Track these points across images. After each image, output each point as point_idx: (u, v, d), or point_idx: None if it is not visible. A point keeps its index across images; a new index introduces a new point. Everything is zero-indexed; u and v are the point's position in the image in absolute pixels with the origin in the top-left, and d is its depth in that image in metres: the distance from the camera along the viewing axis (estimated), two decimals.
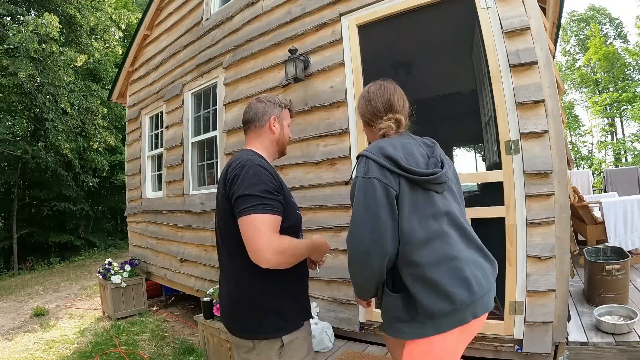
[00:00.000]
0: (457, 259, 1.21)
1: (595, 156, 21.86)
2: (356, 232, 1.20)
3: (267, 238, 1.19)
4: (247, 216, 1.21)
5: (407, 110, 1.49)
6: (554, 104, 2.16)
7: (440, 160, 1.34)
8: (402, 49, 4.09)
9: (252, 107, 1.52)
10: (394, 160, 1.23)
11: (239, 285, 1.34)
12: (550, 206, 2.14)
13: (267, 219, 1.22)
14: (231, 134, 3.71)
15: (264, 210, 1.22)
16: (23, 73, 8.18)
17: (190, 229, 4.25)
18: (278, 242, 1.22)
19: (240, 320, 1.35)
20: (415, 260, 1.18)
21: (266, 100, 1.53)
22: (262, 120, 1.49)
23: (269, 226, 1.21)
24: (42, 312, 4.99)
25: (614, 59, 19.26)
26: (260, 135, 1.49)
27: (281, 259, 1.23)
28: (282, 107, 1.54)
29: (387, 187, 1.21)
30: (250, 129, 1.51)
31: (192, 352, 3.38)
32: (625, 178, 6.59)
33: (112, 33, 11.07)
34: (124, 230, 12.87)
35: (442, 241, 1.22)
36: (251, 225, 1.20)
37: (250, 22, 3.64)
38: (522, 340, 2.20)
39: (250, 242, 1.21)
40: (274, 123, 1.49)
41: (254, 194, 1.23)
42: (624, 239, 3.73)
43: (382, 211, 1.19)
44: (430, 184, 1.26)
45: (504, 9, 2.28)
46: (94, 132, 10.72)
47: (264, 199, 1.23)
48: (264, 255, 1.19)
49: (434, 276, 1.17)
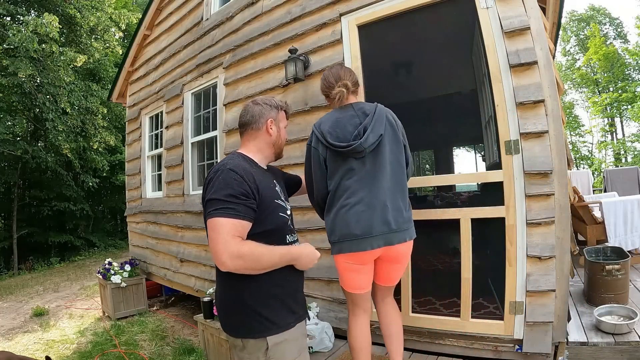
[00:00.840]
0: (358, 205, 1.76)
1: (595, 156, 21.86)
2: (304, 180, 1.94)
3: (223, 242, 1.21)
4: (210, 219, 1.25)
5: (354, 79, 1.97)
6: (554, 104, 2.16)
7: (364, 130, 1.79)
8: (402, 49, 4.08)
9: (248, 109, 1.52)
10: (323, 135, 1.82)
11: (222, 285, 1.39)
12: (550, 206, 2.14)
13: (226, 222, 1.23)
14: (231, 134, 3.71)
15: (224, 214, 1.23)
16: (23, 73, 8.18)
17: (190, 229, 4.25)
18: (236, 247, 1.22)
19: (229, 319, 1.38)
20: (333, 204, 1.82)
21: (262, 102, 1.53)
22: (258, 123, 1.50)
23: (228, 230, 1.22)
24: (42, 312, 4.99)
25: (614, 59, 19.26)
26: (257, 138, 1.50)
27: (239, 264, 1.23)
28: (279, 110, 1.55)
29: (319, 153, 1.84)
30: (247, 131, 1.51)
31: (192, 352, 3.38)
32: (625, 178, 6.59)
33: (112, 33, 11.06)
34: (124, 230, 12.87)
35: (350, 192, 1.78)
36: (211, 228, 1.24)
37: (250, 22, 3.64)
38: (522, 340, 2.20)
39: (210, 245, 1.24)
40: (271, 125, 1.50)
41: (218, 198, 1.25)
42: (624, 239, 3.73)
43: (315, 168, 1.86)
44: (348, 153, 1.78)
45: (504, 9, 2.28)
46: (94, 132, 10.71)
47: (227, 202, 1.24)
48: (219, 259, 1.21)
49: (344, 216, 1.77)
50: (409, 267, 2.59)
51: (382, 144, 1.79)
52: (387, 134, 1.82)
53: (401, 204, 1.83)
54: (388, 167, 1.80)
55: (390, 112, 1.93)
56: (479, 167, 8.62)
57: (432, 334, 2.49)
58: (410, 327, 2.57)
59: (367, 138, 1.74)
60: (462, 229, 2.39)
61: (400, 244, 1.79)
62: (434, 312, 2.70)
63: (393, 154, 1.83)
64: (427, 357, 2.44)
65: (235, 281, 1.31)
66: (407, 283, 2.60)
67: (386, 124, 1.82)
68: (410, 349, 2.54)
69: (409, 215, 1.87)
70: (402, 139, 1.90)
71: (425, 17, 2.78)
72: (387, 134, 1.82)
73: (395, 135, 1.85)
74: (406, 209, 1.86)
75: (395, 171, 1.83)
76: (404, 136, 1.93)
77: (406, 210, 1.85)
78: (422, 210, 2.67)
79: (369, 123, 1.79)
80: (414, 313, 2.61)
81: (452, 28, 3.30)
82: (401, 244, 1.79)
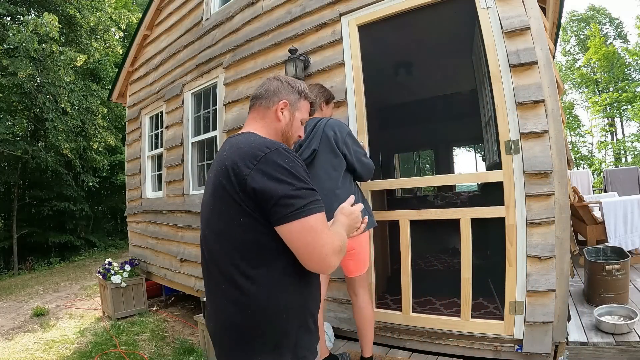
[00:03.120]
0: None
1: (595, 156, 21.87)
2: None
3: (328, 242, 0.98)
4: (299, 220, 0.96)
5: (320, 95, 2.32)
6: (554, 104, 2.16)
7: (300, 146, 2.15)
8: (402, 49, 4.09)
9: (265, 83, 1.26)
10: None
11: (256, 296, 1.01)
12: (550, 206, 2.14)
13: (321, 218, 1.00)
14: (231, 134, 3.71)
15: (313, 210, 0.99)
16: (23, 73, 8.18)
17: (190, 229, 4.25)
18: (336, 241, 1.01)
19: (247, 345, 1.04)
20: None
21: (284, 80, 1.25)
22: (270, 101, 1.21)
23: (323, 227, 1.00)
24: (42, 312, 4.99)
25: (614, 59, 19.28)
26: (265, 118, 1.21)
27: (340, 257, 1.03)
28: (301, 97, 1.25)
29: None
30: (255, 106, 1.23)
31: (192, 352, 3.38)
32: (625, 178, 6.59)
33: (112, 33, 11.06)
34: (124, 230, 12.88)
35: None
36: (307, 229, 0.97)
37: (250, 22, 3.64)
38: (522, 340, 2.20)
39: (308, 250, 0.98)
40: (283, 108, 1.21)
41: (295, 195, 0.98)
42: (624, 239, 3.73)
43: None
44: None
45: (504, 9, 2.28)
46: (94, 132, 10.72)
47: (307, 195, 1.00)
48: (329, 262, 0.99)
49: None
50: (408, 267, 2.59)
51: (317, 156, 2.16)
52: (321, 148, 2.15)
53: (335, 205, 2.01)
54: (323, 175, 2.14)
55: (332, 127, 2.18)
56: (479, 167, 8.63)
57: (432, 334, 2.49)
58: (410, 327, 2.57)
59: (301, 153, 2.16)
60: (462, 229, 2.39)
61: None
62: (434, 312, 2.71)
63: (328, 163, 2.15)
64: (427, 357, 2.44)
65: (280, 291, 1.01)
66: (407, 283, 2.60)
67: (322, 138, 2.15)
68: (410, 349, 2.54)
69: None
70: (342, 147, 2.15)
71: (426, 17, 2.78)
72: (322, 147, 2.15)
73: (330, 147, 2.15)
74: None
75: (331, 176, 2.14)
76: (345, 145, 2.16)
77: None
78: (422, 210, 2.67)
79: (305, 140, 2.16)
80: (414, 313, 2.61)
81: (452, 28, 3.31)
82: None
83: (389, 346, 2.62)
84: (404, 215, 2.64)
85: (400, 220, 2.62)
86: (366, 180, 2.36)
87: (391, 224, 3.11)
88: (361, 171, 2.22)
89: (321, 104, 2.35)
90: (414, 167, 9.69)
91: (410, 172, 9.34)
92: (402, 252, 2.61)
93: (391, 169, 6.77)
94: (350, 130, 2.25)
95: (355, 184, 2.27)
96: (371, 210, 2.38)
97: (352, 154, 2.17)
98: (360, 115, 2.80)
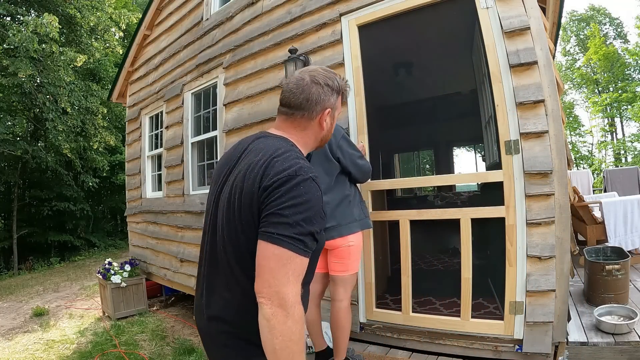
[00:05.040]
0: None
1: (595, 156, 21.86)
2: None
3: (287, 278, 0.93)
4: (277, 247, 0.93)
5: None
6: (554, 104, 2.16)
7: None
8: (402, 49, 4.09)
9: (304, 88, 1.11)
10: None
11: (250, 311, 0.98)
12: (550, 206, 2.14)
13: (299, 261, 0.95)
14: (231, 134, 3.71)
15: (298, 250, 0.95)
16: (23, 73, 8.18)
17: (190, 229, 4.25)
18: (297, 295, 0.94)
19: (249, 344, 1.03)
20: None
21: (323, 82, 1.12)
22: (313, 111, 1.11)
23: (298, 272, 0.96)
24: (42, 312, 4.99)
25: (614, 59, 19.27)
26: (306, 128, 1.13)
27: (282, 316, 0.92)
28: (339, 94, 1.17)
29: None
30: (295, 117, 1.12)
31: (192, 352, 3.38)
32: (625, 178, 6.59)
33: (112, 33, 11.06)
34: (124, 230, 12.88)
35: None
36: (278, 257, 0.94)
37: (250, 22, 3.64)
38: (522, 340, 2.20)
39: (265, 272, 0.95)
40: (327, 117, 1.14)
41: (296, 224, 0.95)
42: (624, 239, 3.73)
43: None
44: None
45: (504, 9, 2.28)
46: (94, 132, 10.72)
47: (305, 234, 0.96)
48: (282, 290, 0.92)
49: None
50: (408, 267, 2.59)
51: (311, 160, 2.10)
52: (314, 153, 2.11)
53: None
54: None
55: None
56: (479, 167, 8.62)
57: (432, 334, 2.49)
58: (410, 327, 2.57)
59: None
60: (462, 228, 2.39)
61: (327, 240, 2.11)
62: (434, 312, 2.71)
63: (320, 167, 2.14)
64: (427, 357, 2.44)
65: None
66: (407, 283, 2.60)
67: None
68: (410, 349, 2.54)
69: (334, 216, 2.13)
70: (336, 151, 2.14)
71: (426, 17, 2.78)
72: (315, 153, 2.09)
73: (323, 153, 2.15)
74: (327, 214, 2.08)
75: (323, 181, 2.08)
76: (340, 148, 2.15)
77: (331, 213, 2.11)
78: (422, 210, 2.67)
79: None
80: (414, 313, 2.61)
81: (452, 28, 3.31)
82: (328, 241, 2.11)
83: (389, 346, 2.62)
84: (404, 215, 2.64)
85: (400, 220, 2.63)
86: (363, 182, 2.35)
87: (391, 224, 3.11)
88: (356, 174, 2.21)
89: None
90: (414, 167, 9.69)
91: (410, 172, 9.34)
92: (402, 252, 2.61)
93: (391, 169, 6.77)
94: (345, 133, 2.24)
95: (354, 186, 2.27)
96: (368, 212, 2.37)
97: (346, 157, 2.16)
98: (360, 115, 2.80)
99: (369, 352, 2.57)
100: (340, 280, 2.20)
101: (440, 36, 3.65)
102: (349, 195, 2.20)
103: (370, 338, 2.72)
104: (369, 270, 2.75)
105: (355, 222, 2.17)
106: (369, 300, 2.75)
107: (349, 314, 2.22)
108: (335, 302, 2.21)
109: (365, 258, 2.76)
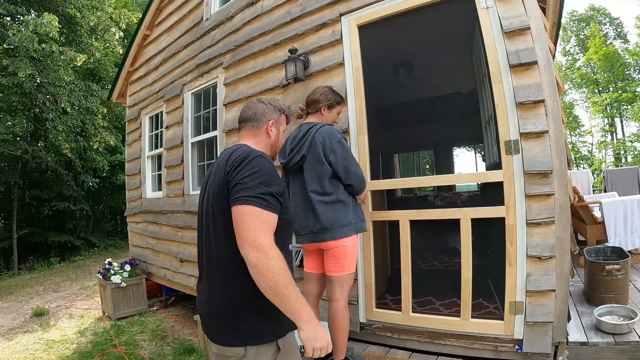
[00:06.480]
0: (294, 209, 2.11)
1: (595, 156, 21.86)
2: None
3: (258, 227, 1.17)
4: (242, 206, 1.20)
5: (312, 99, 2.37)
6: (554, 104, 2.16)
7: (291, 150, 2.26)
8: (402, 49, 4.09)
9: (252, 106, 1.51)
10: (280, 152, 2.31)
11: (239, 281, 1.22)
12: (550, 206, 2.14)
13: (264, 212, 1.21)
14: (231, 134, 3.71)
15: (261, 205, 1.21)
16: (23, 73, 8.18)
17: (190, 229, 4.25)
18: (269, 240, 1.17)
19: (236, 325, 1.24)
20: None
21: (267, 102, 1.52)
22: (260, 122, 1.47)
23: (264, 219, 1.20)
24: (42, 312, 4.99)
25: (614, 59, 19.27)
26: (257, 136, 1.48)
27: (263, 260, 1.13)
28: (281, 112, 1.54)
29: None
30: (247, 127, 1.49)
31: (192, 352, 3.38)
32: (625, 178, 6.59)
33: (112, 33, 11.05)
34: (124, 230, 12.87)
35: (291, 197, 2.22)
36: (244, 213, 1.20)
37: (250, 22, 3.64)
38: (522, 340, 2.20)
39: (240, 229, 1.18)
40: (272, 127, 1.48)
41: (254, 185, 1.22)
42: (624, 239, 3.73)
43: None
44: (285, 168, 2.33)
45: (504, 9, 2.28)
46: (94, 132, 10.71)
47: (265, 193, 1.22)
48: (256, 240, 1.14)
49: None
50: (408, 267, 2.59)
51: (306, 163, 2.21)
52: (309, 155, 2.20)
53: (317, 208, 2.20)
54: (309, 180, 2.20)
55: (322, 133, 2.20)
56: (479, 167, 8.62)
57: (432, 334, 2.49)
58: (410, 327, 2.57)
59: (291, 158, 2.25)
60: (462, 229, 2.39)
61: (321, 242, 2.19)
62: (434, 312, 2.71)
63: (313, 169, 2.19)
64: (427, 357, 2.44)
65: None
66: (407, 283, 2.60)
67: (311, 145, 2.19)
68: (410, 349, 2.54)
69: (327, 219, 2.16)
70: (330, 154, 2.16)
71: (426, 17, 2.78)
72: (310, 153, 2.20)
73: (317, 155, 2.17)
74: (320, 215, 2.16)
75: (315, 184, 2.19)
76: (333, 152, 2.16)
77: (323, 214, 2.16)
78: (422, 210, 2.67)
79: (297, 145, 2.24)
80: (414, 313, 2.61)
81: (452, 28, 3.31)
82: (322, 242, 2.19)
83: (389, 346, 2.62)
84: (404, 215, 2.64)
85: (400, 220, 2.63)
86: (356, 193, 2.27)
87: (391, 224, 3.11)
88: (345, 179, 2.18)
89: (322, 108, 2.34)
90: (414, 167, 9.70)
91: (410, 172, 9.34)
92: (402, 252, 2.61)
93: (391, 169, 6.77)
94: (342, 138, 2.22)
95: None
96: (364, 216, 2.34)
97: (338, 161, 2.16)
98: (360, 115, 2.80)
99: (369, 352, 2.57)
100: (336, 281, 2.20)
101: (440, 36, 3.65)
102: (344, 200, 2.20)
103: (370, 338, 2.72)
104: (369, 271, 2.75)
105: (350, 226, 2.19)
106: (369, 300, 2.75)
107: (346, 313, 2.22)
108: (332, 303, 2.21)
109: (365, 258, 2.76)
